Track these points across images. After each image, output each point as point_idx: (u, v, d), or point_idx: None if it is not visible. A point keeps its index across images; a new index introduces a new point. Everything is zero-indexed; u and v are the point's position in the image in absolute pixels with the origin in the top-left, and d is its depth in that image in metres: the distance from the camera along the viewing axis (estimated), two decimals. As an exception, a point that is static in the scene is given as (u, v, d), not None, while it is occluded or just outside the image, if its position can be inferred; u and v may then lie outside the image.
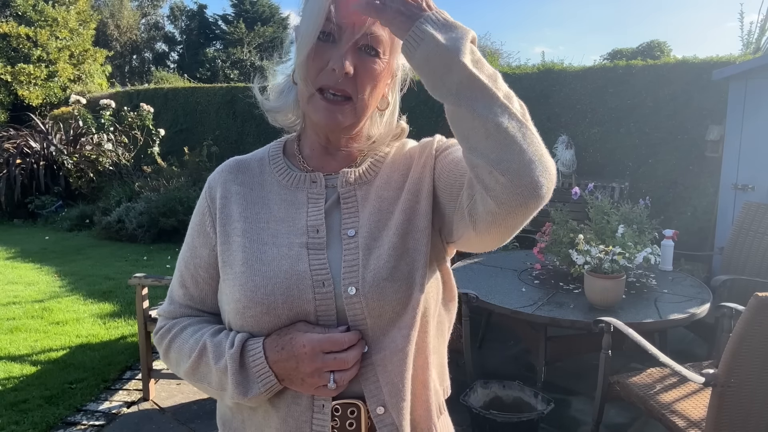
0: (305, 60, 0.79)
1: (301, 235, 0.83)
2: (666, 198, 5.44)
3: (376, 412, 0.80)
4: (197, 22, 28.04)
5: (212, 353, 0.82)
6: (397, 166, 0.90)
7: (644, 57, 8.16)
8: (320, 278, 0.80)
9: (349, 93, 0.80)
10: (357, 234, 0.83)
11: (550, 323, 2.56)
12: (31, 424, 2.72)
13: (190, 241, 0.93)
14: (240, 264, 0.83)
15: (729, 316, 2.46)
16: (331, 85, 0.79)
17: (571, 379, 3.14)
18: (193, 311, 0.92)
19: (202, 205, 0.92)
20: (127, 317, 4.22)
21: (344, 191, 0.86)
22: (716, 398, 1.79)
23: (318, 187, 0.87)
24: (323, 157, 0.90)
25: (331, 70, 0.77)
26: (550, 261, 3.20)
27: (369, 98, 0.82)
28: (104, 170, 8.58)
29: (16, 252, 6.59)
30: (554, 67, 6.37)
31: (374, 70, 0.80)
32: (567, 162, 5.66)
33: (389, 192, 0.87)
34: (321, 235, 0.83)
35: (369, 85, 0.81)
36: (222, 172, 0.92)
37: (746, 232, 3.45)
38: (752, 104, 4.38)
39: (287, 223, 0.85)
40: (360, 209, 0.86)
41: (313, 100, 0.80)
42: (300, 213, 0.85)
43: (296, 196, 0.87)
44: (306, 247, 0.82)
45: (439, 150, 0.88)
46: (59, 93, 13.11)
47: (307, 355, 0.76)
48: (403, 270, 0.80)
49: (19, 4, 14.27)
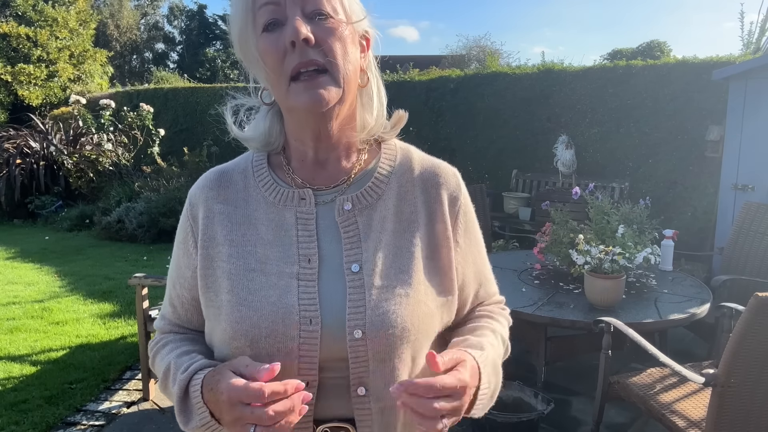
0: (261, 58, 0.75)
1: (292, 264, 0.78)
2: (666, 198, 5.44)
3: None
4: (197, 22, 28.06)
5: (172, 375, 0.80)
6: (406, 194, 0.84)
7: (644, 57, 8.16)
8: (308, 315, 0.75)
9: (320, 62, 0.73)
10: (362, 270, 0.77)
11: (550, 323, 2.56)
12: (31, 424, 2.72)
13: (176, 259, 0.88)
14: (226, 292, 0.78)
15: (729, 316, 2.47)
16: (299, 65, 0.72)
17: (571, 379, 3.14)
18: (180, 329, 0.90)
19: (184, 224, 0.86)
20: (127, 317, 4.21)
21: (343, 219, 0.80)
22: (716, 398, 1.78)
23: (307, 205, 0.81)
24: (313, 167, 0.83)
25: (290, 47, 0.72)
26: (550, 261, 3.19)
27: (344, 62, 0.75)
28: (104, 170, 8.58)
29: (16, 252, 6.59)
30: (554, 67, 6.37)
31: (334, 30, 0.74)
32: (567, 162, 5.66)
33: (398, 224, 0.81)
34: (313, 265, 0.78)
35: (337, 47, 0.74)
36: (203, 188, 0.85)
37: (746, 232, 3.45)
38: (752, 104, 4.38)
39: (276, 248, 0.79)
40: (363, 239, 0.79)
41: (289, 90, 0.74)
42: (289, 236, 0.79)
43: (284, 215, 0.80)
44: (296, 277, 0.77)
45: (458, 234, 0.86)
46: (59, 93, 13.10)
47: (225, 403, 0.69)
48: (414, 319, 0.77)
49: (19, 4, 14.27)
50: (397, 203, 0.82)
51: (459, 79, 6.97)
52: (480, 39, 13.18)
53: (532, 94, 6.34)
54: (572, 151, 5.68)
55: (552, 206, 3.21)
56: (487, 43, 13.05)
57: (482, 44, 12.95)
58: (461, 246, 0.86)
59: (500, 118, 6.57)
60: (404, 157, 0.87)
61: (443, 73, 7.36)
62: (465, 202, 0.88)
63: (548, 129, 6.19)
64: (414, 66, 8.00)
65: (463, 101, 6.85)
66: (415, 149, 0.90)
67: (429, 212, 0.83)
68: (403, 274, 0.78)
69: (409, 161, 0.87)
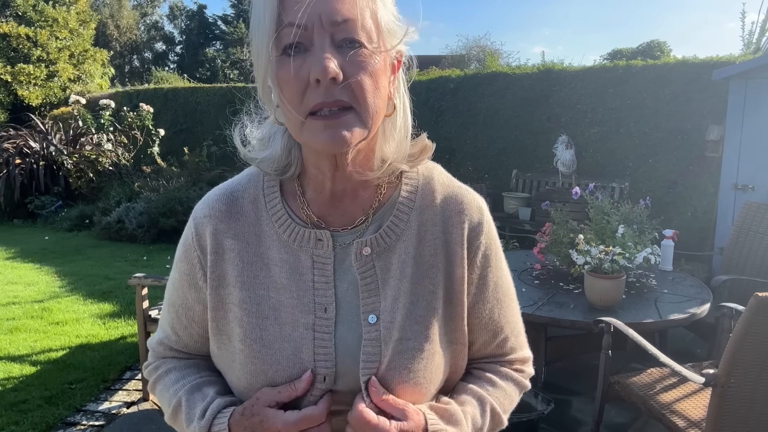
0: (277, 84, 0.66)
1: (308, 314, 0.73)
2: (666, 198, 5.44)
3: None
4: (197, 22, 28.07)
5: (185, 414, 0.77)
6: (426, 235, 0.76)
7: (644, 57, 8.16)
8: (322, 372, 0.71)
9: (346, 102, 0.64)
10: (379, 321, 0.72)
11: (550, 323, 2.56)
12: (31, 424, 2.72)
13: (179, 286, 0.81)
14: (238, 341, 0.74)
15: (729, 316, 2.46)
16: (321, 102, 0.63)
17: (571, 379, 3.14)
18: (181, 354, 0.86)
19: (189, 252, 0.79)
20: (127, 317, 4.21)
21: (360, 265, 0.74)
22: (716, 398, 1.78)
23: (324, 248, 0.74)
24: (330, 200, 0.75)
25: (315, 84, 0.62)
26: (550, 261, 3.19)
27: (374, 100, 0.66)
28: (104, 170, 8.58)
29: (16, 252, 6.59)
30: (554, 67, 6.38)
31: (366, 63, 0.64)
32: (567, 162, 5.66)
33: (417, 268, 0.75)
34: (330, 314, 0.73)
35: (367, 83, 0.64)
36: (211, 218, 0.77)
37: (746, 232, 3.45)
38: (752, 104, 4.38)
39: (290, 293, 0.73)
40: (381, 287, 0.74)
41: (306, 125, 0.65)
42: (305, 282, 0.74)
43: (299, 257, 0.74)
44: (312, 328, 0.72)
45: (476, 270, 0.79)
46: (59, 93, 13.10)
47: None
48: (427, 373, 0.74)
49: (19, 4, 14.27)
50: (417, 244, 0.75)
51: (459, 79, 6.97)
52: (480, 39, 13.19)
53: (532, 94, 6.34)
54: (572, 151, 5.68)
55: (552, 206, 3.21)
56: (487, 43, 13.06)
57: (482, 44, 12.95)
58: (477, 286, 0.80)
59: (500, 118, 6.57)
60: (426, 186, 0.79)
61: (443, 73, 7.36)
62: (486, 241, 0.80)
63: (548, 129, 6.19)
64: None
65: (463, 101, 6.85)
66: (439, 172, 0.82)
67: (448, 253, 0.77)
68: (418, 325, 0.74)
69: (432, 191, 0.78)
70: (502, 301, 0.83)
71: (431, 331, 0.74)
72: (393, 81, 0.72)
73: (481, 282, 0.80)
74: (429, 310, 0.74)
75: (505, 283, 0.84)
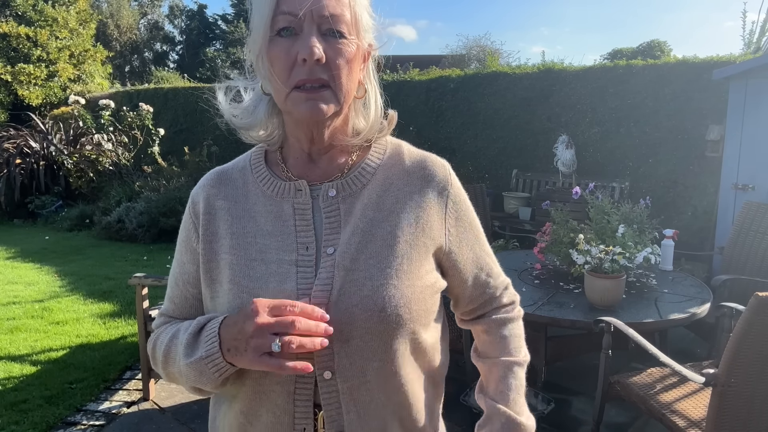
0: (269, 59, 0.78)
1: (291, 253, 0.82)
2: (666, 198, 5.44)
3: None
4: (197, 22, 28.07)
5: (182, 332, 0.83)
6: (390, 186, 0.86)
7: (644, 57, 8.15)
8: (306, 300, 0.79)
9: (325, 80, 0.77)
10: (335, 252, 0.81)
11: (550, 323, 2.56)
12: (31, 424, 2.72)
13: (178, 257, 0.92)
14: (227, 281, 0.82)
15: (729, 316, 2.47)
16: (305, 80, 0.76)
17: (571, 379, 3.14)
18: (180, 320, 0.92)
19: (187, 221, 0.91)
20: (127, 317, 4.21)
21: (326, 205, 0.84)
22: (716, 398, 1.78)
23: (303, 196, 0.85)
24: (307, 165, 0.87)
25: (301, 62, 0.75)
26: (550, 261, 3.19)
27: (347, 81, 0.79)
28: (104, 170, 8.58)
29: (16, 252, 6.59)
30: (554, 66, 6.37)
31: (344, 51, 0.77)
32: (567, 162, 5.65)
33: (377, 213, 0.84)
34: (311, 252, 0.82)
35: (343, 67, 0.78)
36: (204, 186, 0.90)
37: (746, 232, 3.45)
38: (752, 104, 4.38)
39: (275, 238, 0.83)
40: (342, 225, 0.83)
41: (290, 96, 0.78)
42: (288, 227, 0.83)
43: (282, 207, 0.85)
44: (295, 264, 0.81)
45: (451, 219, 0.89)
46: (59, 93, 13.09)
47: (252, 312, 0.72)
48: (378, 302, 0.78)
49: (19, 4, 14.26)
50: (381, 193, 0.85)
51: (459, 79, 6.97)
52: (480, 39, 13.19)
53: (533, 93, 6.34)
54: (572, 150, 5.67)
55: (552, 206, 3.20)
56: (487, 42, 13.05)
57: (482, 44, 12.95)
58: (453, 234, 0.88)
59: (500, 117, 6.57)
60: (394, 152, 0.90)
61: (443, 73, 7.36)
62: (455, 192, 0.90)
63: (548, 129, 6.19)
64: (414, 66, 8.00)
65: (463, 101, 6.85)
66: (407, 145, 0.93)
67: (414, 202, 0.85)
68: (372, 260, 0.80)
69: (399, 155, 0.90)
70: (480, 240, 0.94)
71: (384, 266, 0.80)
72: (363, 68, 0.85)
73: (459, 227, 0.89)
74: (385, 248, 0.81)
75: (478, 227, 0.94)
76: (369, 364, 0.79)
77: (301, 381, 0.79)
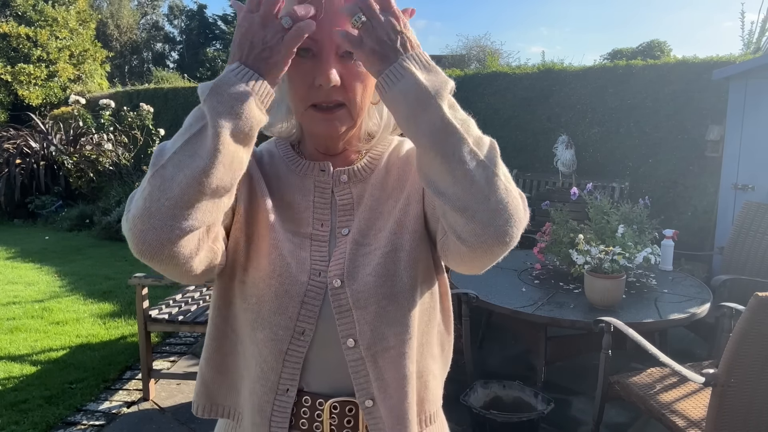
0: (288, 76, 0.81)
1: (307, 226, 0.87)
2: (666, 198, 5.44)
3: (365, 405, 0.82)
4: (197, 22, 28.07)
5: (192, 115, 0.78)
6: (392, 169, 0.91)
7: (644, 57, 8.16)
8: (318, 268, 0.83)
9: (341, 101, 0.80)
10: (349, 232, 0.86)
11: (550, 323, 2.56)
12: (31, 424, 2.72)
13: None
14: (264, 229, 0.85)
15: (729, 316, 2.47)
16: (321, 101, 0.80)
17: (571, 379, 3.14)
18: None
19: None
20: (127, 317, 4.22)
21: (339, 190, 0.89)
22: (716, 398, 1.79)
23: (326, 176, 0.89)
24: (324, 157, 0.92)
25: (318, 87, 0.78)
26: (550, 261, 3.19)
27: (362, 99, 0.83)
28: (104, 170, 8.57)
29: (16, 252, 6.59)
30: (554, 67, 6.37)
31: (360, 73, 0.81)
32: (567, 162, 5.65)
33: (382, 193, 0.89)
34: (325, 229, 0.87)
35: (358, 88, 0.81)
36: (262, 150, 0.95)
37: (746, 232, 3.45)
38: (752, 104, 4.38)
39: (293, 210, 0.88)
40: (355, 208, 0.88)
41: (307, 114, 0.82)
42: (307, 201, 0.88)
43: (304, 182, 0.89)
44: (310, 237, 0.86)
45: None
46: (59, 93, 13.10)
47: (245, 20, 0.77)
48: (390, 267, 0.82)
49: (19, 4, 14.26)
50: (384, 176, 0.90)
51: (459, 79, 6.96)
52: (480, 39, 13.21)
53: (532, 93, 6.34)
54: (572, 150, 5.67)
55: (552, 206, 3.21)
56: (487, 42, 13.07)
57: (482, 44, 12.96)
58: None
59: (500, 117, 6.57)
60: (397, 143, 0.95)
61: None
62: None
63: (548, 129, 6.19)
64: (414, 66, 7.99)
65: (463, 101, 6.69)
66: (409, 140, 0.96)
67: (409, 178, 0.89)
68: (380, 233, 0.85)
69: (400, 144, 0.95)
70: None
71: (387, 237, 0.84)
72: None
73: None
74: (389, 221, 0.86)
75: None
76: (389, 329, 0.81)
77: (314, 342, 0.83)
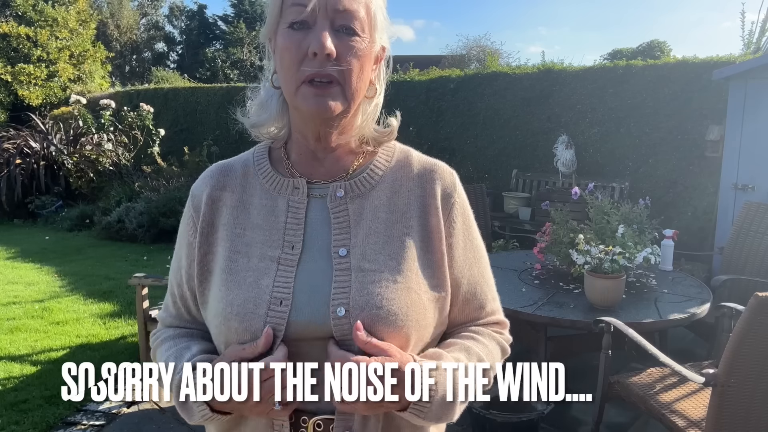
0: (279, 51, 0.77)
1: (276, 249, 0.80)
2: (666, 198, 5.44)
3: None
4: (197, 22, 28.05)
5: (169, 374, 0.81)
6: (401, 189, 0.85)
7: (644, 57, 8.16)
8: (279, 296, 0.77)
9: (335, 77, 0.75)
10: (349, 254, 0.79)
11: (550, 323, 2.56)
12: (31, 424, 2.72)
13: (177, 253, 0.91)
14: (218, 273, 0.82)
15: (729, 316, 2.46)
16: (315, 72, 0.74)
17: (571, 379, 3.14)
18: (182, 322, 0.91)
19: (186, 217, 0.89)
20: (127, 317, 4.21)
21: (334, 206, 0.82)
22: (716, 398, 1.78)
23: (299, 194, 0.83)
24: (311, 162, 0.85)
25: (312, 56, 0.74)
26: (550, 261, 3.19)
27: (357, 80, 0.77)
28: (104, 170, 8.57)
29: (16, 252, 6.59)
30: (554, 67, 6.37)
31: (356, 48, 0.76)
32: (567, 162, 5.66)
33: (391, 215, 0.83)
34: (295, 251, 0.80)
35: (354, 65, 0.76)
36: (205, 179, 0.89)
37: (746, 232, 3.45)
38: (752, 104, 4.38)
39: (263, 232, 0.82)
40: (353, 226, 0.81)
41: (299, 91, 0.76)
42: (278, 222, 0.82)
43: (276, 202, 0.83)
44: (277, 261, 0.79)
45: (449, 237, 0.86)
46: (59, 93, 13.09)
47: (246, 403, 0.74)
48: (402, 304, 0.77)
49: (19, 4, 14.25)
50: (391, 195, 0.84)
51: (459, 79, 6.97)
52: (480, 39, 13.21)
53: (532, 94, 6.34)
54: (572, 151, 5.67)
55: (552, 206, 3.21)
56: (487, 42, 13.07)
57: (482, 44, 12.97)
58: (453, 245, 0.85)
59: (500, 118, 6.57)
60: (403, 156, 0.89)
61: (443, 73, 7.36)
62: (460, 202, 0.88)
63: (548, 129, 6.19)
64: (414, 66, 8.00)
65: (463, 101, 6.85)
66: (416, 152, 0.91)
67: (423, 205, 0.84)
68: (392, 260, 0.79)
69: (407, 159, 0.88)
70: (478, 258, 0.89)
71: (405, 267, 0.79)
72: (375, 69, 0.84)
73: (460, 239, 0.86)
74: (403, 248, 0.80)
75: (480, 245, 0.91)
76: None
77: None
